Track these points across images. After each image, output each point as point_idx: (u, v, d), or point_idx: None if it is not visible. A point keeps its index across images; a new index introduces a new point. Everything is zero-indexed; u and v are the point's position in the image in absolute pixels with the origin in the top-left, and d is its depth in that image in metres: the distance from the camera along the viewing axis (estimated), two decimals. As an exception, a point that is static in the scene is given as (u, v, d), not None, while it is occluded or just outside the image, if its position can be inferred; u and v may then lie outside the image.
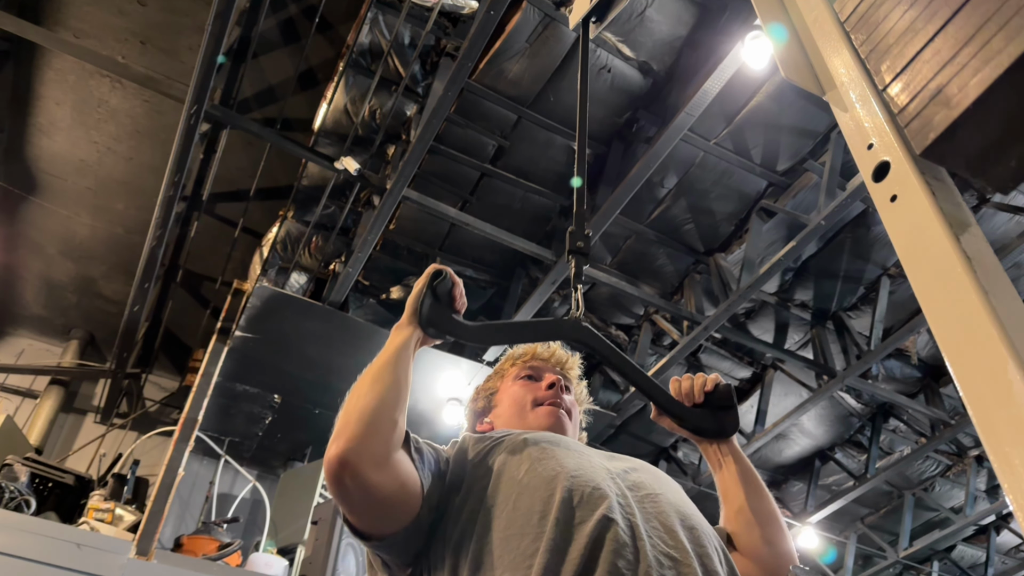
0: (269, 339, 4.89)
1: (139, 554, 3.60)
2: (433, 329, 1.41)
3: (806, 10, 1.27)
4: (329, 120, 4.41)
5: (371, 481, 1.17)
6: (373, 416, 1.21)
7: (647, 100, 4.24)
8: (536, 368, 1.71)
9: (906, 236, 0.95)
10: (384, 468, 1.19)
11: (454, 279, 1.44)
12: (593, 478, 1.26)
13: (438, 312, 1.41)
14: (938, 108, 0.94)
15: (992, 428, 0.79)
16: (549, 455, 1.32)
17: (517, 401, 1.66)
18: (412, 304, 1.42)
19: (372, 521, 1.24)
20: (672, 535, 1.21)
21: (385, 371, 1.32)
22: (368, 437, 1.18)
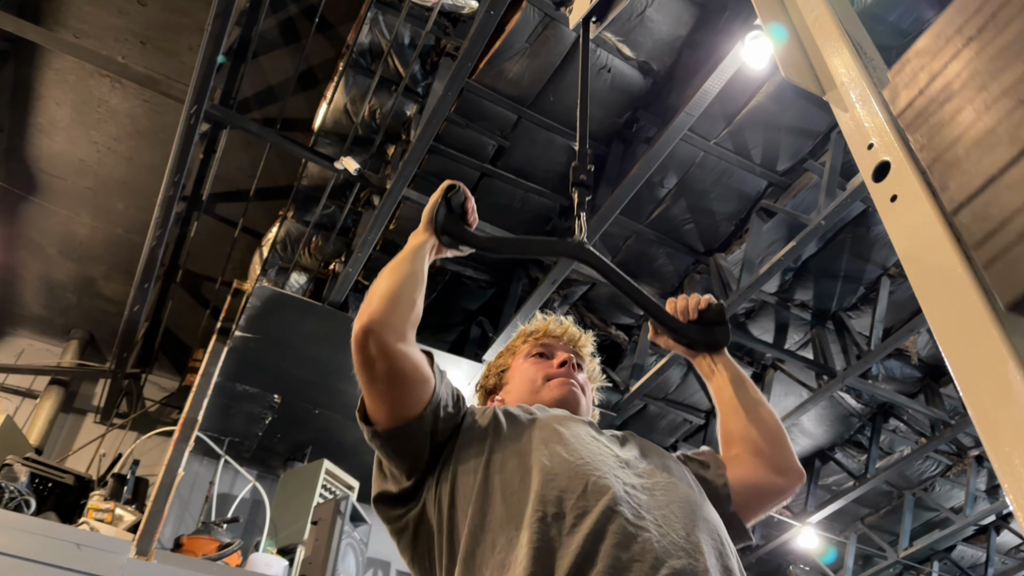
0: (269, 339, 4.89)
1: (139, 554, 3.60)
2: (447, 236, 1.52)
3: (806, 10, 1.27)
4: (329, 120, 4.41)
5: (392, 350, 1.29)
6: (394, 295, 1.35)
7: (647, 100, 4.24)
8: (548, 346, 1.71)
9: (906, 236, 0.95)
10: (404, 343, 1.31)
11: (466, 194, 1.55)
12: (599, 467, 1.24)
13: (451, 221, 1.52)
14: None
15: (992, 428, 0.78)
16: (557, 439, 1.31)
17: (528, 378, 1.65)
18: (428, 213, 1.52)
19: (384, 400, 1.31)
20: (683, 526, 1.19)
21: (403, 263, 1.44)
22: (390, 311, 1.32)
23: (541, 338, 1.73)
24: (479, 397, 1.77)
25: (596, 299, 5.36)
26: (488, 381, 1.76)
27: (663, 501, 1.23)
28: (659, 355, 5.42)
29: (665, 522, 1.18)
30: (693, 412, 6.11)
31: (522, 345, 1.74)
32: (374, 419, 1.33)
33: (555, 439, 1.31)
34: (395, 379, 1.30)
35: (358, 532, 4.66)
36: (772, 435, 1.52)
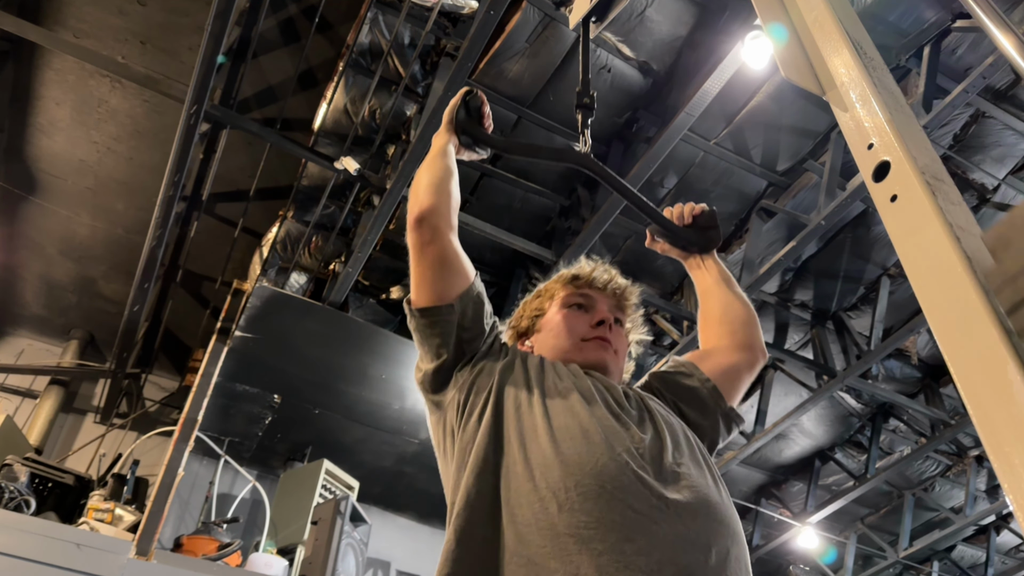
0: (269, 339, 4.89)
1: (139, 554, 3.59)
2: (465, 136, 1.66)
3: (806, 10, 1.27)
4: (329, 120, 4.41)
5: (443, 232, 1.44)
6: (437, 186, 1.49)
7: (647, 100, 4.24)
8: (589, 297, 1.63)
9: (906, 236, 0.95)
10: (451, 231, 1.47)
11: (483, 98, 1.68)
12: (615, 446, 1.24)
13: (469, 123, 1.67)
14: None
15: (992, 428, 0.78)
16: (578, 412, 1.30)
17: (563, 331, 1.58)
18: (448, 114, 1.65)
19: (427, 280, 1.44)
20: (693, 517, 1.18)
21: (436, 160, 1.56)
22: (438, 199, 1.47)
23: (583, 287, 1.64)
24: (509, 337, 1.70)
25: (596, 299, 5.35)
26: (521, 323, 1.70)
27: (676, 489, 1.21)
28: (659, 355, 5.42)
29: (676, 514, 1.17)
30: (693, 412, 6.10)
31: (561, 290, 1.66)
32: (416, 301, 1.46)
33: (575, 411, 1.31)
34: (442, 262, 1.44)
35: (358, 532, 4.66)
36: (746, 318, 1.68)
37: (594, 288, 1.65)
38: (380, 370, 5.05)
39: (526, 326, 1.68)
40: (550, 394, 1.35)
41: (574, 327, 1.58)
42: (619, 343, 1.61)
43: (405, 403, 5.29)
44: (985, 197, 4.44)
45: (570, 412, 1.31)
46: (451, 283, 1.44)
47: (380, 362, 5.01)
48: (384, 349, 4.93)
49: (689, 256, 1.77)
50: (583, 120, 1.87)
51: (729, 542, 1.19)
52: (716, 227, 1.76)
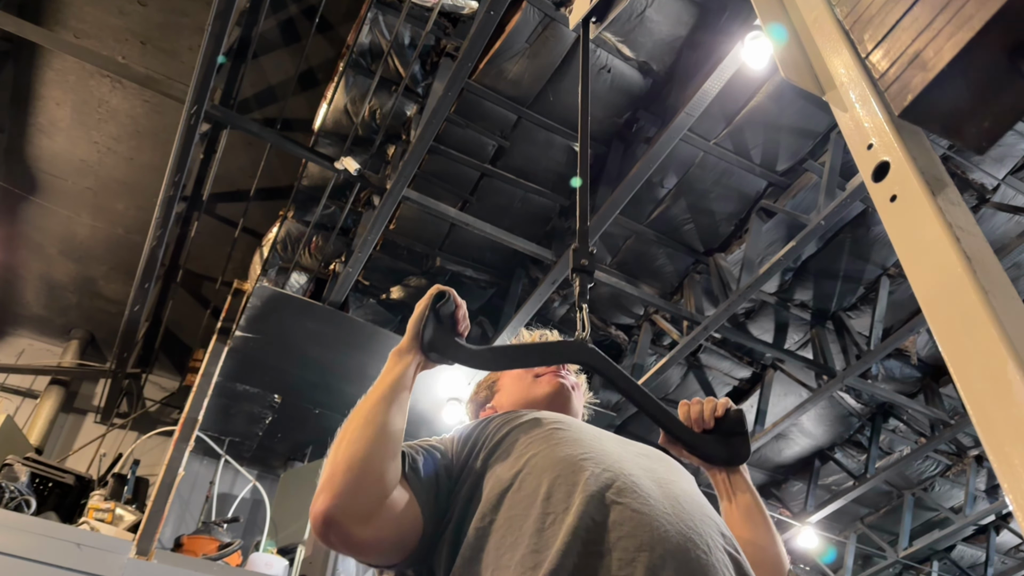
0: (269, 339, 4.89)
1: (139, 554, 3.60)
2: (435, 354, 1.36)
3: (806, 10, 1.27)
4: (329, 120, 4.41)
5: (358, 538, 1.13)
6: (360, 468, 1.14)
7: (647, 100, 4.24)
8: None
9: (906, 236, 0.95)
10: (372, 522, 1.13)
11: (457, 301, 1.39)
12: (605, 457, 1.22)
13: (440, 336, 1.36)
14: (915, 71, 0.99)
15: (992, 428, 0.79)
16: (557, 436, 1.28)
17: (519, 378, 1.61)
18: (413, 327, 1.36)
19: (376, 559, 1.20)
20: (690, 517, 1.17)
21: (378, 411, 1.24)
22: (354, 493, 1.12)
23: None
24: (470, 412, 1.72)
25: (596, 299, 5.36)
26: (478, 395, 1.71)
27: (669, 492, 1.21)
28: (659, 355, 5.42)
29: (673, 512, 1.16)
30: (693, 412, 6.10)
31: None
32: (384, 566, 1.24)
33: (554, 435, 1.29)
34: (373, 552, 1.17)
35: (358, 532, 4.65)
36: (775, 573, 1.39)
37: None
38: (380, 370, 5.05)
39: (484, 395, 1.69)
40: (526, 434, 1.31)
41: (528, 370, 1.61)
42: (574, 383, 1.61)
43: (405, 403, 5.28)
44: (985, 197, 4.45)
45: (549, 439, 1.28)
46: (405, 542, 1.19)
47: (380, 362, 4.91)
48: (384, 349, 4.90)
49: (712, 468, 1.47)
50: (581, 290, 1.57)
51: (723, 539, 1.20)
52: (744, 433, 1.44)
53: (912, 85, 0.99)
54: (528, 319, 4.84)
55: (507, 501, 1.20)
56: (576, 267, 1.59)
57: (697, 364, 5.75)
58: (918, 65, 0.99)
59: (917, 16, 1.00)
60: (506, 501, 1.20)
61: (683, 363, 5.68)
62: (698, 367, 5.77)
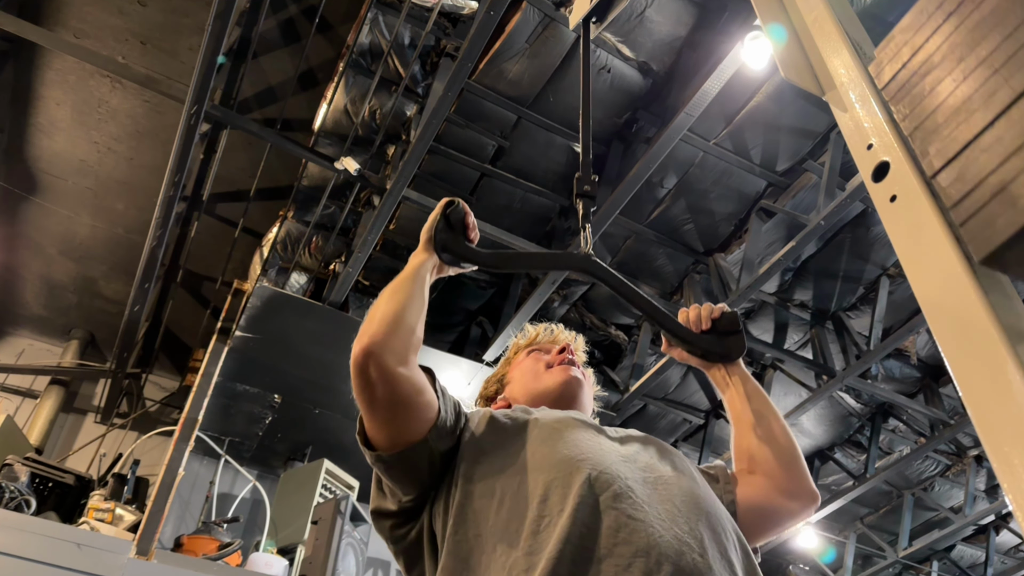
0: (269, 339, 4.90)
1: (139, 554, 3.60)
2: (448, 255, 1.46)
3: (806, 10, 1.27)
4: (329, 120, 4.41)
5: (393, 373, 1.25)
6: (394, 318, 1.30)
7: (647, 100, 4.24)
8: (543, 346, 1.73)
9: (906, 236, 0.95)
10: (405, 366, 1.27)
11: (466, 209, 1.50)
12: (602, 461, 1.23)
13: (452, 238, 1.47)
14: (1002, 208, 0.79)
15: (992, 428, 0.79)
16: (557, 437, 1.30)
17: (529, 370, 1.66)
18: (427, 231, 1.48)
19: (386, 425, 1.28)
20: (686, 520, 1.17)
21: (403, 284, 1.38)
22: (390, 335, 1.27)
23: (534, 345, 1.75)
24: (481, 407, 1.68)
25: (596, 299, 5.36)
26: (488, 390, 1.75)
27: (666, 495, 1.21)
28: (659, 355, 5.42)
29: (668, 516, 1.16)
30: (693, 412, 6.11)
31: (515, 355, 1.76)
32: (376, 443, 1.30)
33: (554, 437, 1.30)
34: (397, 404, 1.27)
35: (358, 532, 4.66)
36: (785, 456, 1.48)
37: (545, 342, 1.75)
38: (380, 370, 5.05)
39: (494, 390, 1.73)
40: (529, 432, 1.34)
41: (538, 361, 1.67)
42: (583, 373, 1.67)
43: (405, 403, 5.28)
44: (984, 197, 4.44)
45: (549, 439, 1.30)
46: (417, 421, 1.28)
47: (380, 362, 5.00)
48: (384, 349, 4.92)
49: (711, 366, 1.59)
50: (584, 212, 1.69)
51: (723, 536, 1.20)
52: (739, 331, 1.55)
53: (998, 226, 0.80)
54: (528, 319, 4.85)
55: (506, 498, 1.21)
56: (580, 192, 1.71)
57: (697, 364, 5.74)
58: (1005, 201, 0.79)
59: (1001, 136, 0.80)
60: (506, 498, 1.21)
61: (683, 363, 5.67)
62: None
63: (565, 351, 1.67)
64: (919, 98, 0.91)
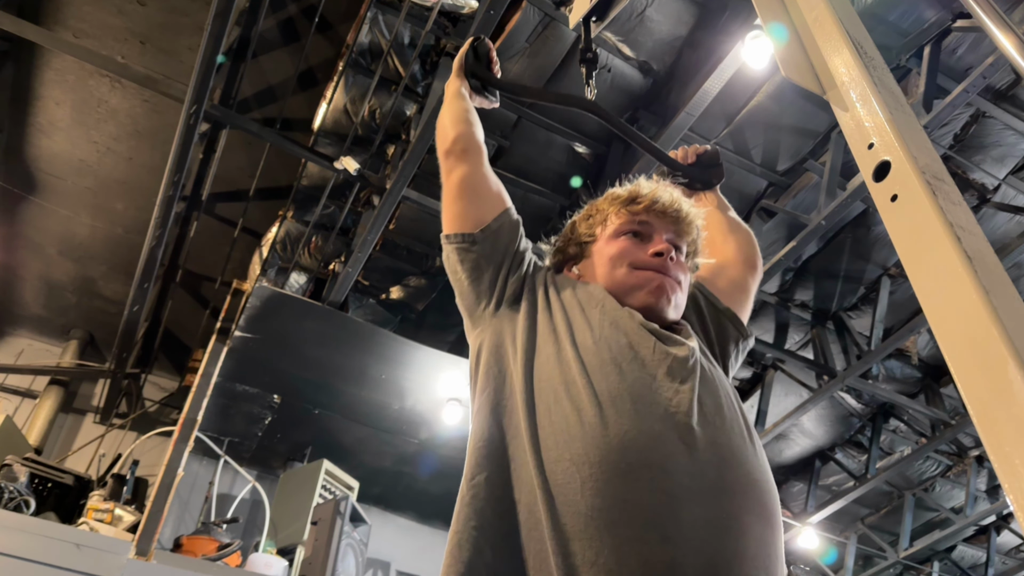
0: (269, 339, 4.89)
1: (138, 554, 3.59)
2: (474, 79, 1.76)
3: (806, 9, 1.27)
4: (329, 120, 4.41)
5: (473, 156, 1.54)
6: (460, 118, 1.62)
7: (647, 100, 4.24)
8: (646, 224, 1.45)
9: (906, 236, 0.95)
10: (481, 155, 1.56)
11: (490, 44, 1.80)
12: (645, 420, 1.14)
13: (479, 67, 1.77)
14: None
15: (993, 428, 0.78)
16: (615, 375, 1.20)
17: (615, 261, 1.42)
18: (458, 61, 1.76)
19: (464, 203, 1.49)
20: (729, 497, 1.11)
21: (453, 102, 1.68)
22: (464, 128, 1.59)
23: (641, 212, 1.45)
24: (552, 258, 1.57)
25: (596, 299, 5.35)
26: (569, 247, 1.53)
27: (713, 461, 1.14)
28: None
29: (708, 493, 1.10)
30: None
31: (615, 215, 1.47)
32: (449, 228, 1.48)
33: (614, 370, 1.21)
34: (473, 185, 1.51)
35: (358, 532, 4.66)
36: (748, 237, 1.78)
37: (653, 213, 1.45)
38: (380, 370, 5.05)
39: (574, 252, 1.52)
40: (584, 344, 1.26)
41: (629, 255, 1.41)
42: (679, 273, 1.42)
43: (405, 403, 5.29)
44: (985, 197, 4.44)
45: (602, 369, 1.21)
46: (484, 207, 1.48)
47: (380, 362, 5.00)
48: (384, 349, 4.93)
49: (694, 193, 1.83)
50: (587, 72, 2.00)
51: (762, 526, 1.12)
52: (719, 164, 1.86)
53: None
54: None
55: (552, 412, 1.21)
56: (583, 59, 2.00)
57: (697, 364, 5.74)
58: None
59: None
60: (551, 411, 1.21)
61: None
62: (698, 367, 5.76)
63: (663, 255, 1.39)
64: None
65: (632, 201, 1.47)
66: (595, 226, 1.50)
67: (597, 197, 1.57)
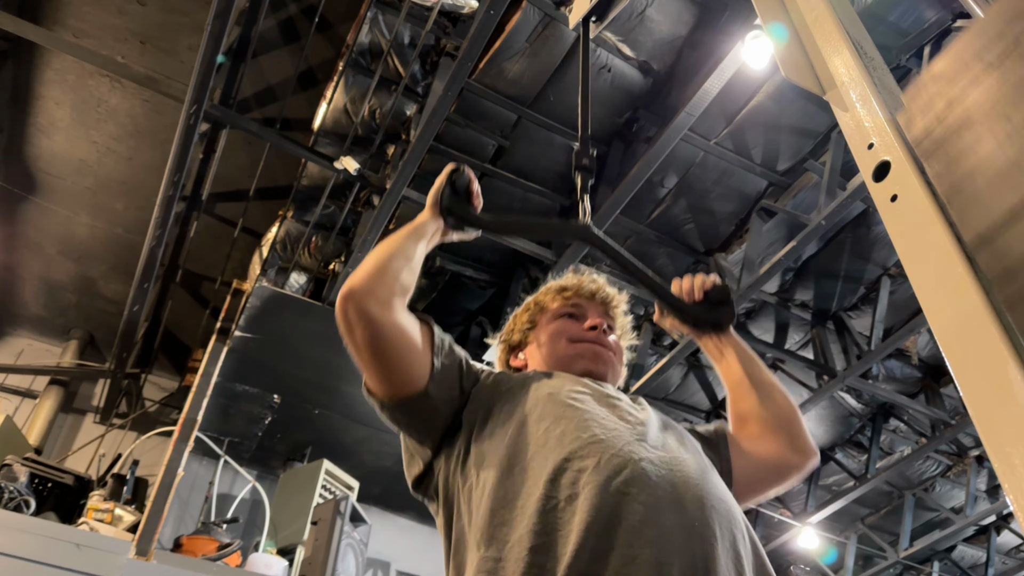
0: (269, 339, 4.89)
1: (138, 554, 3.59)
2: (452, 218, 1.52)
3: (806, 9, 1.27)
4: (329, 120, 4.41)
5: (372, 316, 1.28)
6: (379, 264, 1.34)
7: (647, 100, 4.24)
8: (579, 306, 1.63)
9: (906, 236, 0.95)
10: (387, 309, 1.29)
11: (471, 175, 1.54)
12: (613, 444, 1.19)
13: (456, 202, 1.53)
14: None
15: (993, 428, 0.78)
16: (572, 414, 1.26)
17: (555, 340, 1.58)
18: (433, 196, 1.52)
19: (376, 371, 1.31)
20: (700, 508, 1.14)
21: (398, 238, 1.43)
22: (374, 279, 1.31)
23: (572, 297, 1.64)
24: (501, 352, 1.71)
25: (596, 299, 5.35)
26: (513, 336, 1.69)
27: (680, 478, 1.18)
28: (659, 355, 5.41)
29: (680, 504, 1.14)
30: (693, 412, 6.11)
31: (551, 302, 1.65)
32: (375, 392, 1.34)
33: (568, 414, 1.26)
34: (380, 349, 1.29)
35: (358, 532, 4.66)
36: (787, 414, 1.53)
37: (583, 297, 1.65)
38: (380, 370, 5.04)
39: (518, 339, 1.68)
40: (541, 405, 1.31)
41: (567, 332, 1.59)
42: (613, 347, 1.60)
43: (405, 403, 5.28)
44: (985, 197, 4.44)
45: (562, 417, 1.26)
46: (408, 368, 1.32)
47: (380, 362, 4.99)
48: (384, 349, 4.92)
49: (702, 335, 1.63)
50: (582, 185, 1.72)
51: (735, 531, 1.17)
52: (729, 302, 1.62)
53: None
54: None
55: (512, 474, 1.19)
56: (578, 165, 1.74)
57: (697, 364, 5.74)
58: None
59: None
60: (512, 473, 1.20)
61: (683, 363, 5.68)
62: (698, 367, 5.77)
63: (597, 328, 1.57)
64: (956, 158, 0.82)
65: (565, 289, 1.65)
66: (535, 315, 1.67)
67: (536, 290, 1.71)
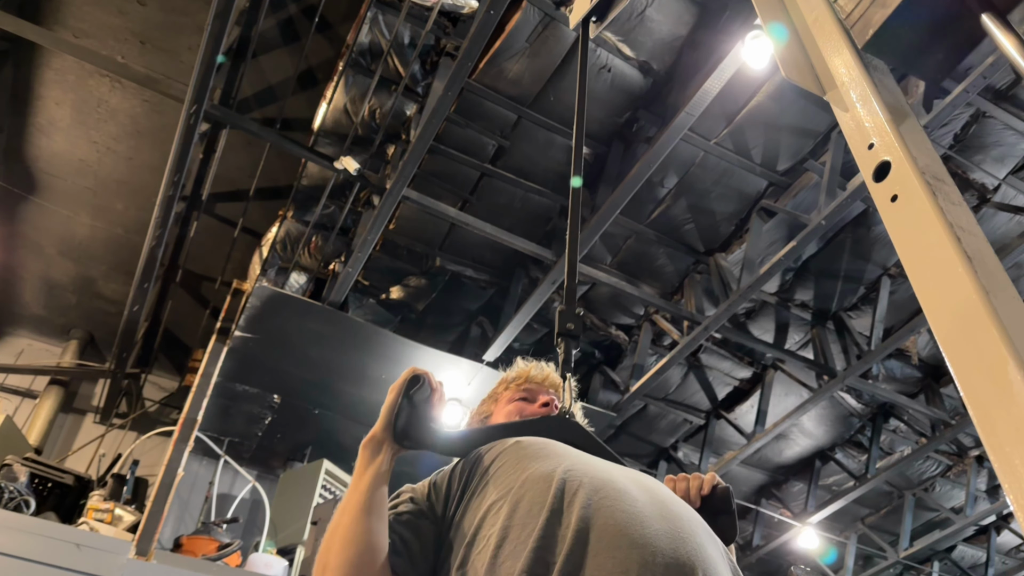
0: (269, 339, 4.89)
1: (138, 554, 3.59)
2: (408, 441, 1.33)
3: (806, 10, 1.27)
4: (329, 120, 4.41)
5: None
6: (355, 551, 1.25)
7: (647, 100, 4.24)
8: (531, 391, 1.72)
9: (906, 236, 0.95)
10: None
11: (432, 384, 1.36)
12: (586, 471, 1.23)
13: (414, 423, 1.33)
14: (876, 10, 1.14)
15: (993, 428, 0.78)
16: (533, 456, 1.30)
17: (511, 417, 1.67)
18: (385, 416, 1.34)
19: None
20: (673, 514, 1.18)
21: (358, 528, 1.27)
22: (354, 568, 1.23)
23: (524, 384, 1.74)
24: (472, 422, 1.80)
25: (596, 299, 5.35)
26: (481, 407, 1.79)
27: (654, 500, 1.22)
28: (659, 355, 5.41)
29: (660, 514, 1.17)
30: (693, 412, 6.11)
31: (504, 391, 1.76)
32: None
33: (530, 457, 1.30)
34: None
35: (358, 532, 4.65)
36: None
37: (533, 383, 1.73)
38: (380, 370, 5.05)
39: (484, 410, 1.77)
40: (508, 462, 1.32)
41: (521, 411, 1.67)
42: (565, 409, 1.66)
43: (405, 403, 5.28)
44: (985, 197, 4.44)
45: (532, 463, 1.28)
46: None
47: (380, 362, 5.00)
48: (384, 349, 4.93)
49: None
50: (565, 356, 1.54)
51: (713, 543, 1.20)
52: (731, 512, 1.39)
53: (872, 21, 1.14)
54: (528, 319, 4.84)
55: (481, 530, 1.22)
56: (562, 331, 1.54)
57: (698, 364, 5.74)
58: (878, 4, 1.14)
59: None
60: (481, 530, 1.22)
61: (683, 363, 5.68)
62: (698, 367, 5.77)
63: (549, 405, 1.67)
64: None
65: (516, 379, 1.75)
66: (490, 405, 1.76)
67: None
